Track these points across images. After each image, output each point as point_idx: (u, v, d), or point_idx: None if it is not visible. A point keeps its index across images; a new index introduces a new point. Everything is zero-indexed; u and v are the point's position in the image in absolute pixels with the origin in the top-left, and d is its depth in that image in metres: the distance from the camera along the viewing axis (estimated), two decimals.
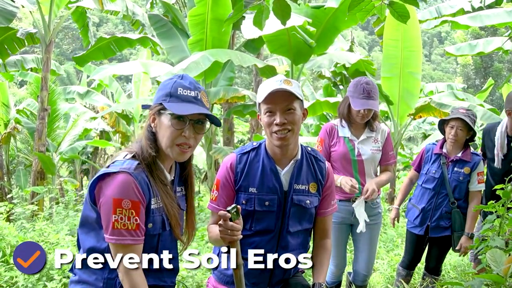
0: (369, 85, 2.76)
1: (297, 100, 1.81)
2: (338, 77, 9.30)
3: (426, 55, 46.20)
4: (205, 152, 7.03)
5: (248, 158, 1.90)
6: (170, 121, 1.50)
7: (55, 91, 9.55)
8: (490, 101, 20.12)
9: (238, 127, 13.54)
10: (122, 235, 1.43)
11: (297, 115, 1.80)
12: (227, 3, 5.92)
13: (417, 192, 3.33)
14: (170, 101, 1.51)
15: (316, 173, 1.94)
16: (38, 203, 7.52)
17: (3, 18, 7.34)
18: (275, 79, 1.81)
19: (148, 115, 1.57)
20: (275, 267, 1.87)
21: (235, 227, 1.61)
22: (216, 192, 1.91)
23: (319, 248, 1.97)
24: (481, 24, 7.03)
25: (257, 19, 1.90)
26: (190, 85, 1.54)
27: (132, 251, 1.45)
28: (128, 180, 1.44)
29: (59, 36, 34.96)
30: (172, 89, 1.52)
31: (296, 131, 1.83)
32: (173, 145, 1.52)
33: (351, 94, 2.79)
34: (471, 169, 3.17)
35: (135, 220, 1.44)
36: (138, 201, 1.44)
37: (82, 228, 1.55)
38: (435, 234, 3.22)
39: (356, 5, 1.72)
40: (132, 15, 8.22)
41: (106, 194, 1.44)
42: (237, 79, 23.03)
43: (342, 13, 5.55)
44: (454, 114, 3.14)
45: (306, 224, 1.93)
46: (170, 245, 1.61)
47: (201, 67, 5.03)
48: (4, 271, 3.67)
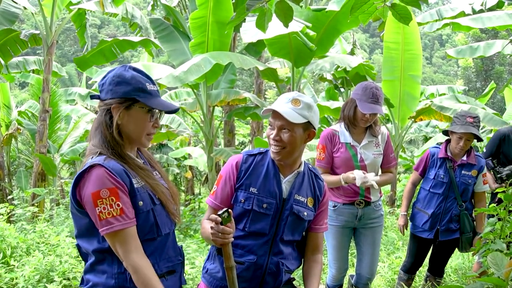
0: (378, 90, 2.78)
1: (297, 124, 1.81)
2: (339, 80, 9.31)
3: (427, 58, 46.24)
4: (206, 154, 7.04)
5: (254, 160, 1.92)
6: (146, 114, 1.57)
7: (57, 93, 9.56)
8: (491, 103, 20.13)
9: (239, 129, 13.55)
10: (109, 223, 1.45)
11: (294, 136, 1.81)
12: (229, 6, 5.93)
13: (423, 197, 3.29)
14: (143, 96, 1.56)
15: (315, 189, 1.97)
16: (39, 205, 7.53)
17: (5, 20, 7.38)
18: (287, 96, 1.83)
19: (112, 108, 1.56)
20: (266, 273, 1.88)
21: (226, 231, 1.63)
22: (216, 187, 1.94)
23: (311, 261, 1.99)
24: (482, 26, 7.04)
25: (260, 21, 1.90)
26: (151, 80, 1.61)
27: (125, 235, 1.47)
28: (100, 171, 1.47)
29: (60, 37, 35.05)
30: (140, 84, 1.57)
31: (292, 152, 1.84)
32: (144, 135, 1.60)
33: (359, 98, 2.78)
34: (478, 172, 3.20)
35: (117, 206, 1.46)
36: (115, 187, 1.46)
37: (81, 238, 1.56)
38: (444, 238, 3.22)
39: (358, 8, 1.72)
40: (131, 17, 8.26)
41: (85, 193, 1.47)
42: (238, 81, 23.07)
43: (343, 16, 5.55)
44: (462, 125, 3.07)
45: (297, 236, 1.95)
46: (166, 219, 1.63)
47: (202, 69, 5.04)
48: (4, 272, 3.67)
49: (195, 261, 4.04)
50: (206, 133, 6.81)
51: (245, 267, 1.86)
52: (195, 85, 6.53)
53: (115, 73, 1.59)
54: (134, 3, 36.49)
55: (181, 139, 12.34)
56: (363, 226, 2.98)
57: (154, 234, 1.56)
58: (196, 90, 6.79)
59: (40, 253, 3.88)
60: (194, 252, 4.29)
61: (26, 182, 9.64)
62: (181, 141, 12.61)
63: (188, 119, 12.75)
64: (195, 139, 13.74)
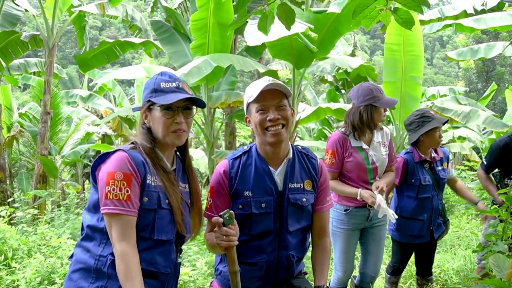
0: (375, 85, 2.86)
1: (286, 98, 1.85)
2: (340, 81, 9.31)
3: (427, 59, 46.24)
4: (207, 156, 7.04)
5: (240, 162, 1.90)
6: (161, 112, 1.63)
7: (58, 95, 9.58)
8: (492, 105, 20.09)
9: (240, 131, 13.53)
10: (113, 204, 1.49)
11: (288, 111, 1.84)
12: (229, 8, 5.93)
13: (412, 205, 3.19)
14: (156, 95, 1.64)
15: (309, 170, 1.94)
16: (40, 207, 7.53)
17: (7, 22, 7.41)
18: (263, 79, 1.84)
19: (140, 115, 1.71)
20: (278, 267, 1.88)
21: (230, 232, 1.63)
22: (211, 200, 1.91)
23: (318, 248, 1.97)
24: (485, 27, 7.04)
25: (262, 24, 1.90)
26: (170, 78, 1.68)
27: (123, 222, 1.49)
28: (122, 155, 1.55)
29: (61, 40, 35.13)
30: (155, 85, 1.66)
31: (289, 128, 1.85)
32: (168, 133, 1.64)
33: (373, 99, 2.78)
34: (447, 163, 3.35)
35: (126, 191, 1.51)
36: (130, 173, 1.53)
37: (88, 210, 1.62)
38: (437, 234, 3.28)
39: (360, 12, 1.72)
40: (130, 19, 8.29)
41: (103, 170, 1.55)
42: (239, 83, 23.08)
43: (344, 18, 5.55)
44: (433, 120, 3.13)
45: (304, 222, 1.93)
46: (167, 227, 1.62)
47: (203, 71, 5.04)
48: (6, 274, 3.68)
49: (197, 263, 4.03)
50: (207, 135, 6.81)
51: (258, 268, 1.87)
52: (196, 87, 6.53)
53: (146, 81, 1.72)
54: (135, 5, 36.56)
55: None
56: (371, 226, 2.98)
57: (146, 235, 1.57)
58: (197, 92, 6.79)
59: (41, 255, 3.88)
60: (195, 254, 4.28)
61: (27, 184, 9.65)
62: None
63: None
64: (196, 140, 13.75)
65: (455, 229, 6.14)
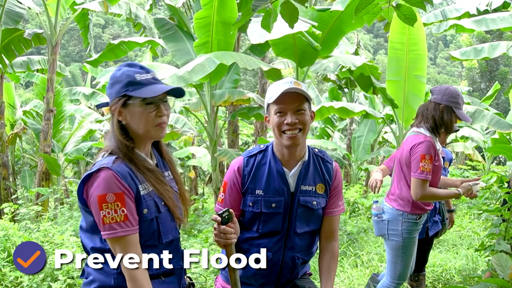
0: None
1: (307, 102, 1.83)
2: (343, 80, 9.29)
3: (431, 58, 46.11)
4: (210, 154, 7.04)
5: (255, 161, 1.90)
6: (141, 106, 1.52)
7: (61, 93, 9.61)
8: (496, 104, 20.03)
9: (243, 129, 13.53)
10: (112, 228, 1.44)
11: (307, 115, 1.82)
12: (233, 6, 5.93)
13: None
14: (134, 89, 1.52)
15: (323, 174, 1.93)
16: (43, 204, 7.55)
17: (10, 20, 7.42)
18: (285, 80, 1.82)
19: (111, 111, 1.57)
20: (282, 267, 1.89)
21: (227, 231, 1.63)
22: (223, 195, 1.92)
23: (326, 252, 1.95)
24: (486, 28, 7.01)
25: (265, 22, 1.90)
26: (143, 70, 1.57)
27: (127, 242, 1.46)
28: (108, 174, 1.46)
29: (65, 37, 35.17)
30: (129, 78, 1.53)
31: (306, 132, 1.84)
32: (152, 127, 1.55)
33: (456, 104, 2.71)
34: (449, 163, 3.38)
35: (122, 212, 1.45)
36: (122, 192, 1.46)
37: (84, 232, 1.57)
38: (433, 231, 3.27)
39: (363, 8, 1.72)
40: (134, 17, 8.30)
41: (92, 194, 1.47)
42: (242, 81, 23.06)
43: (347, 16, 5.54)
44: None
45: (313, 226, 1.92)
46: (170, 225, 1.62)
47: (206, 69, 5.04)
48: (9, 271, 3.69)
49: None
50: (210, 133, 6.81)
51: None
52: (199, 85, 6.53)
53: (110, 76, 1.59)
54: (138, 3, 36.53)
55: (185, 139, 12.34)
56: None
57: (155, 242, 1.56)
58: (200, 90, 6.79)
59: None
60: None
61: (30, 181, 9.68)
62: (185, 141, 12.63)
63: (192, 119, 12.77)
64: (199, 139, 13.75)
65: (457, 228, 6.13)
